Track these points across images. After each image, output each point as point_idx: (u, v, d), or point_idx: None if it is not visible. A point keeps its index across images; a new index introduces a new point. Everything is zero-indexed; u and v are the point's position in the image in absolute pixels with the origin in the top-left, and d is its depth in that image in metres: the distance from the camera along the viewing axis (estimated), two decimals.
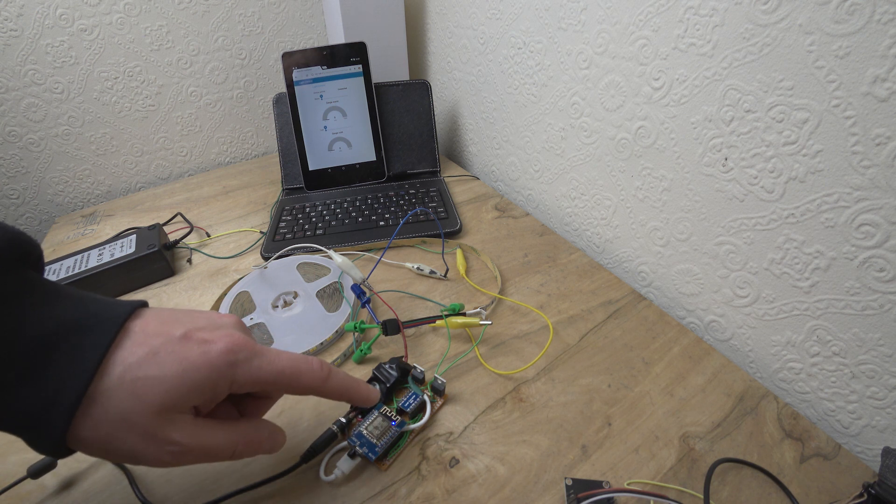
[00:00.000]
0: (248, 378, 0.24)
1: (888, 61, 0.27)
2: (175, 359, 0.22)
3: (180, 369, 0.22)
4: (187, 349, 0.22)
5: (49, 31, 0.59)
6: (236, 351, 0.23)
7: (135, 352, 0.21)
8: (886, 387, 0.33)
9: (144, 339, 0.22)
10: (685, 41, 0.37)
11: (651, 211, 0.46)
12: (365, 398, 0.29)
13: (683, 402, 0.35)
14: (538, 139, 0.58)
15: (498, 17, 0.57)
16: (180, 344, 0.22)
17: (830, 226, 0.32)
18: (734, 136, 0.36)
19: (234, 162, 0.81)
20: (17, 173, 0.65)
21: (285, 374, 0.25)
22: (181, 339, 0.23)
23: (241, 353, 0.23)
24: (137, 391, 0.21)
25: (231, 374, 0.23)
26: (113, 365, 0.21)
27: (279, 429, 0.27)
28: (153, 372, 0.21)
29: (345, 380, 0.28)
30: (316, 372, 0.26)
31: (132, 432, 0.21)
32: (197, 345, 0.23)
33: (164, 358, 0.22)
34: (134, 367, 0.21)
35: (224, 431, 0.24)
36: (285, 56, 0.59)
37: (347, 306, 0.43)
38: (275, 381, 0.24)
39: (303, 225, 0.56)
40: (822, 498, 0.29)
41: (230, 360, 0.23)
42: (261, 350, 0.25)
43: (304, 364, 0.26)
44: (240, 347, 0.23)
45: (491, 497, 0.29)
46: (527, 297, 0.45)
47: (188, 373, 0.22)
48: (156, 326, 0.23)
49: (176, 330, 0.23)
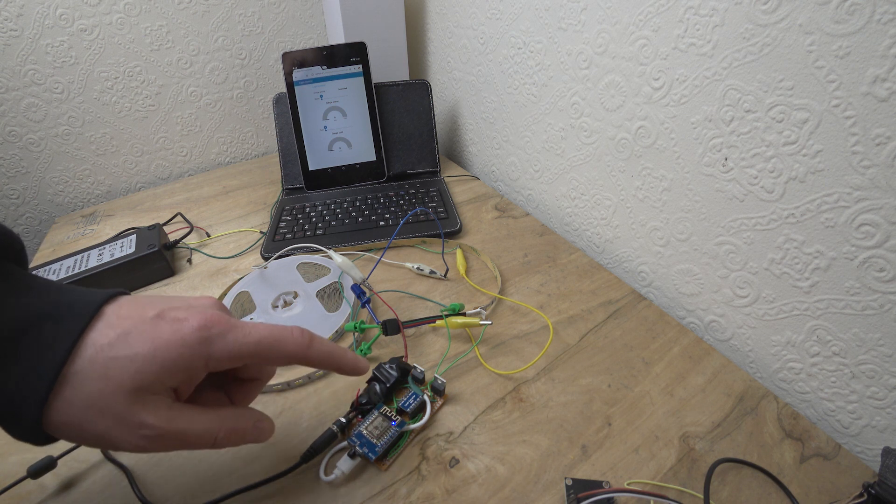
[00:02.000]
0: (225, 353, 0.23)
1: (888, 61, 0.27)
2: (146, 338, 0.21)
3: (151, 348, 0.21)
4: (159, 328, 0.22)
5: (49, 31, 0.59)
6: (209, 326, 0.23)
7: (106, 333, 0.21)
8: (886, 387, 0.33)
9: (117, 321, 0.22)
10: (685, 41, 0.37)
11: (651, 211, 0.46)
12: (352, 366, 0.28)
13: (683, 402, 0.35)
14: (538, 139, 0.58)
15: (498, 17, 0.57)
16: (152, 323, 0.22)
17: (830, 226, 0.32)
18: (734, 136, 0.36)
19: (234, 162, 0.81)
20: (17, 173, 0.65)
21: (264, 344, 0.24)
22: (154, 318, 0.22)
23: (215, 328, 0.23)
24: (108, 372, 0.20)
25: (206, 350, 0.22)
26: (85, 348, 0.21)
27: (265, 417, 0.26)
28: (124, 352, 0.21)
29: (329, 346, 0.27)
30: (297, 338, 0.25)
31: (104, 415, 0.20)
32: (169, 323, 0.22)
33: (135, 338, 0.21)
34: (105, 348, 0.21)
35: (204, 417, 0.23)
36: (285, 56, 0.59)
37: (347, 306, 0.43)
38: (255, 353, 0.24)
39: (303, 225, 0.56)
40: (822, 498, 0.29)
41: (203, 335, 0.22)
42: (236, 323, 0.24)
43: (284, 331, 0.25)
44: (213, 323, 0.23)
45: (491, 497, 0.29)
46: (527, 297, 0.45)
47: (159, 351, 0.21)
48: (129, 309, 0.22)
49: (149, 311, 0.23)
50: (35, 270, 0.47)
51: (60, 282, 0.23)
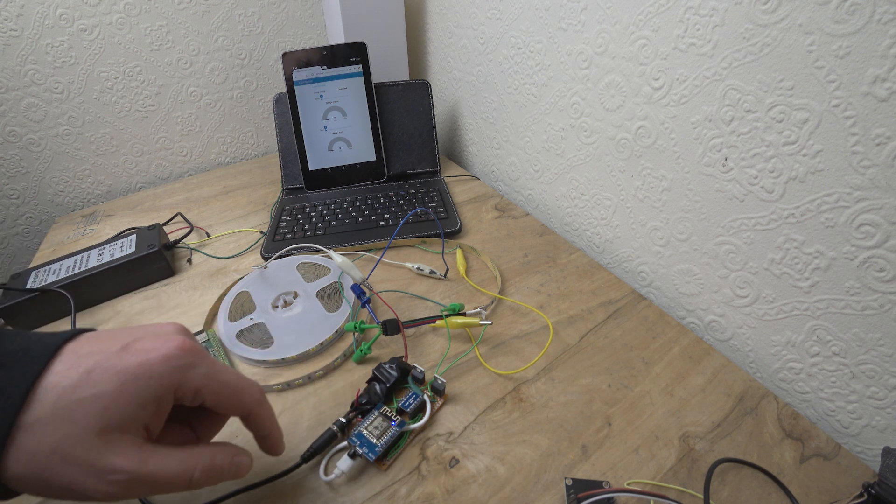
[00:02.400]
0: (194, 385, 0.22)
1: (888, 61, 0.27)
2: (111, 373, 0.20)
3: (118, 383, 0.20)
4: (125, 361, 0.21)
5: (49, 31, 0.59)
6: (179, 356, 0.22)
7: (67, 374, 0.20)
8: (886, 387, 0.33)
9: (78, 359, 0.20)
10: (685, 41, 0.37)
11: (651, 211, 0.46)
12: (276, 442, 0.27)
13: (683, 402, 0.35)
14: (538, 139, 0.58)
15: (498, 17, 0.57)
16: (118, 357, 0.21)
17: (830, 226, 0.32)
18: (734, 136, 0.36)
19: (234, 162, 0.81)
20: (17, 173, 0.65)
21: (228, 389, 0.23)
22: (119, 351, 0.21)
23: (185, 357, 0.22)
24: (73, 416, 0.19)
25: (175, 379, 0.21)
26: (44, 392, 0.19)
27: (242, 450, 0.25)
28: (88, 391, 0.19)
29: (272, 414, 0.27)
30: (255, 394, 0.25)
31: (70, 462, 0.19)
32: (135, 355, 0.21)
33: (99, 374, 0.20)
34: (68, 390, 0.19)
35: (178, 456, 0.22)
36: (285, 56, 0.59)
37: (347, 306, 0.43)
38: (218, 394, 0.23)
39: (303, 225, 0.56)
40: (822, 498, 0.29)
41: (173, 365, 0.21)
42: (207, 356, 0.23)
43: (247, 382, 0.25)
44: (183, 352, 0.22)
45: (491, 497, 0.29)
46: (527, 297, 0.45)
47: (127, 385, 0.20)
48: (91, 346, 0.21)
49: (113, 345, 0.21)
50: (35, 270, 0.47)
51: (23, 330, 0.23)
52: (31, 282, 0.45)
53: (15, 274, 0.46)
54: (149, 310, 0.46)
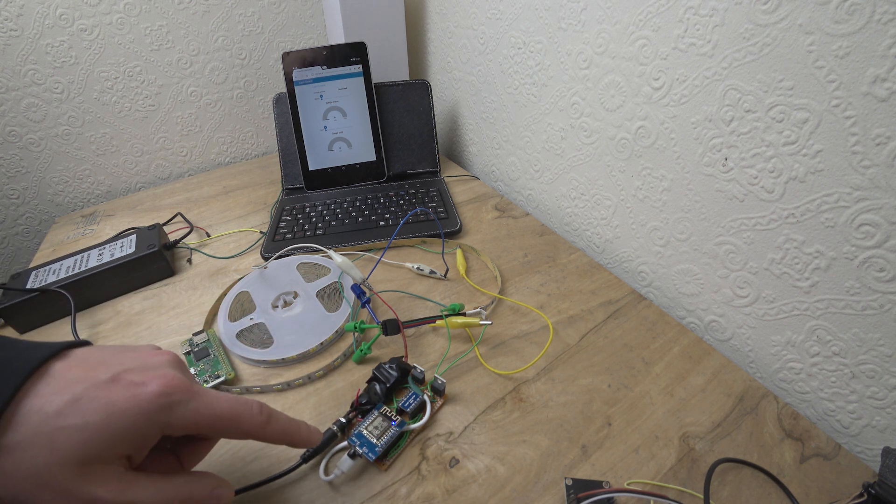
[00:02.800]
0: (183, 422, 0.22)
1: (888, 61, 0.27)
2: (99, 405, 0.20)
3: (104, 416, 0.20)
4: (113, 393, 0.20)
5: (49, 31, 0.59)
6: (169, 393, 0.21)
7: (53, 400, 0.19)
8: (886, 387, 0.33)
9: (65, 384, 0.20)
10: (685, 41, 0.37)
11: (651, 211, 0.46)
12: (305, 440, 0.27)
13: (683, 402, 0.35)
14: (538, 139, 0.58)
15: (498, 17, 0.57)
16: (106, 388, 0.20)
17: (830, 226, 0.32)
18: (734, 136, 0.36)
19: (234, 162, 0.81)
20: (17, 173, 0.65)
21: (224, 420, 0.23)
22: (108, 382, 0.21)
23: (175, 394, 0.22)
24: (54, 443, 0.19)
25: (163, 418, 0.21)
26: (28, 414, 0.19)
27: (223, 482, 0.24)
28: (73, 421, 0.19)
29: (286, 424, 0.26)
30: (256, 417, 0.24)
31: (46, 489, 0.19)
32: (125, 388, 0.21)
33: (86, 405, 0.20)
34: (52, 416, 0.19)
35: (157, 486, 0.21)
36: (285, 56, 0.59)
37: (347, 306, 0.43)
38: (212, 426, 0.23)
39: (303, 225, 0.56)
40: (822, 498, 0.29)
41: (162, 403, 0.21)
42: (198, 391, 0.23)
43: (244, 407, 0.24)
44: (174, 389, 0.22)
45: (491, 497, 0.29)
46: (527, 297, 0.45)
47: (113, 419, 0.20)
48: (79, 371, 0.21)
49: (102, 373, 0.21)
50: (35, 270, 0.47)
51: (9, 338, 0.22)
52: (31, 282, 0.45)
53: (15, 274, 0.46)
54: (149, 310, 0.46)
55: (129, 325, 0.44)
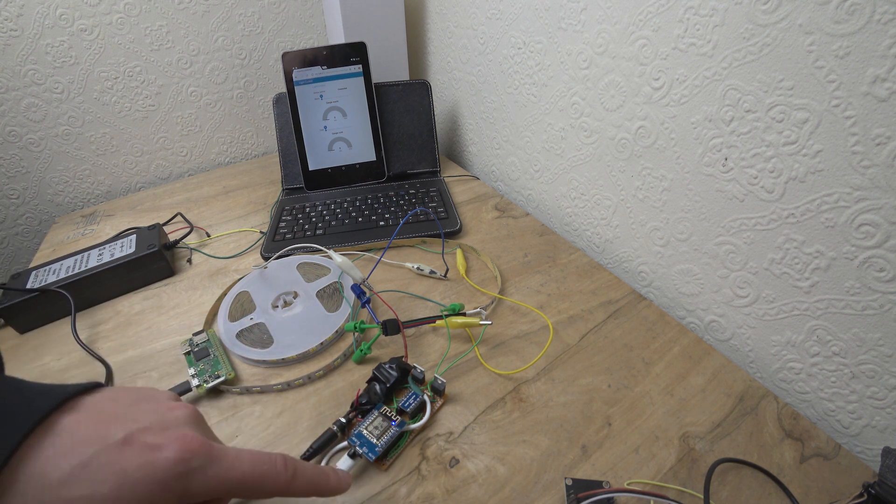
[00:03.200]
0: (204, 489, 0.20)
1: (888, 61, 0.27)
2: (109, 472, 0.18)
3: (115, 486, 0.18)
4: (126, 459, 0.18)
5: (49, 31, 0.59)
6: (189, 459, 0.19)
7: (59, 465, 0.17)
8: (886, 387, 0.33)
9: (72, 446, 0.18)
10: (685, 41, 0.37)
11: (651, 211, 0.46)
12: (335, 488, 0.25)
13: (683, 402, 0.35)
14: (538, 139, 0.58)
15: (498, 17, 0.57)
16: (118, 452, 0.18)
17: (830, 226, 0.32)
18: (734, 136, 0.36)
19: (234, 162, 0.81)
20: (17, 173, 0.65)
21: (247, 483, 0.21)
22: (120, 444, 0.19)
23: (196, 459, 0.20)
24: None
25: (182, 486, 0.19)
26: (29, 480, 0.17)
27: None
28: (80, 491, 0.17)
29: (312, 475, 0.24)
30: (280, 475, 0.22)
31: None
32: (139, 452, 0.19)
33: (95, 472, 0.18)
34: (55, 485, 0.17)
35: None
36: (285, 56, 0.59)
37: (347, 306, 0.43)
38: (234, 491, 0.21)
39: (303, 225, 0.56)
40: (822, 498, 0.29)
41: (181, 470, 0.19)
42: (218, 454, 0.21)
43: (268, 466, 0.22)
44: (193, 454, 0.20)
45: (491, 497, 0.29)
46: (527, 297, 0.45)
47: (124, 491, 0.18)
48: (89, 428, 0.19)
49: (115, 432, 0.19)
50: (35, 270, 0.47)
51: (17, 379, 0.20)
52: (31, 282, 0.45)
53: (15, 274, 0.46)
54: (149, 310, 0.46)
55: (129, 325, 0.44)
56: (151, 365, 0.40)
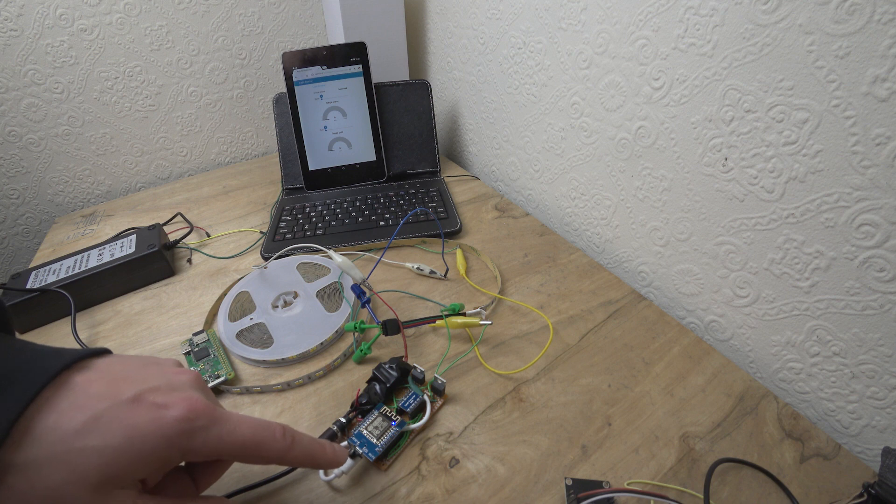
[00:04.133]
0: (205, 448, 0.21)
1: (888, 61, 0.27)
2: (120, 426, 0.19)
3: (125, 438, 0.19)
4: (136, 415, 0.20)
5: (49, 31, 0.59)
6: (193, 419, 0.21)
7: (73, 417, 0.19)
8: (886, 387, 0.33)
9: (86, 401, 0.19)
10: (685, 41, 0.37)
11: (651, 211, 0.46)
12: (331, 460, 0.26)
13: (683, 402, 0.35)
14: (538, 139, 0.58)
15: (498, 17, 0.57)
16: (128, 408, 0.20)
17: (830, 226, 0.32)
18: (734, 136, 0.36)
19: (234, 162, 0.81)
20: (17, 173, 0.65)
21: (247, 447, 0.22)
22: (130, 402, 0.20)
23: (199, 420, 0.21)
24: (72, 464, 0.18)
25: (185, 444, 0.21)
26: (45, 431, 0.18)
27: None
28: (93, 442, 0.18)
29: (309, 445, 0.25)
30: (279, 441, 0.24)
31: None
32: (148, 410, 0.20)
33: (107, 425, 0.19)
34: (70, 436, 0.18)
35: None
36: (285, 56, 0.59)
37: (347, 306, 0.43)
38: (235, 454, 0.22)
39: (303, 225, 0.56)
40: (822, 498, 0.29)
41: (185, 428, 0.20)
42: (221, 416, 0.22)
43: (268, 433, 0.23)
44: (198, 414, 0.21)
45: (491, 497, 0.29)
46: (527, 297, 0.45)
47: (134, 443, 0.19)
48: (101, 386, 0.20)
49: (125, 391, 0.20)
50: (35, 270, 0.47)
51: (24, 342, 0.21)
52: (31, 282, 0.45)
53: (15, 274, 0.46)
54: (149, 310, 0.46)
55: (129, 325, 0.44)
56: None
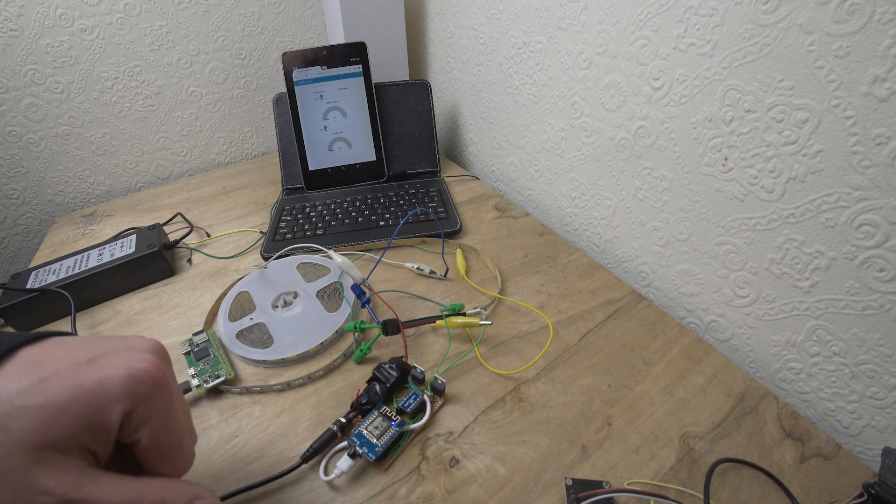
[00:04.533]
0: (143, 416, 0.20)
1: (888, 61, 0.27)
2: (65, 385, 0.18)
3: (68, 397, 0.18)
4: (85, 374, 0.19)
5: (49, 31, 0.59)
6: (143, 381, 0.19)
7: (19, 381, 0.18)
8: (886, 387, 0.33)
9: (36, 367, 0.18)
10: (685, 41, 0.37)
11: (651, 211, 0.46)
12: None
13: (683, 402, 0.35)
14: (538, 139, 0.58)
15: (498, 17, 0.57)
16: (79, 369, 0.19)
17: (830, 226, 0.32)
18: (734, 136, 0.36)
19: (234, 162, 0.81)
20: (17, 173, 0.65)
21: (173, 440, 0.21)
22: (83, 363, 0.19)
23: (150, 386, 0.20)
24: (9, 423, 0.17)
25: (130, 405, 0.19)
26: None
27: (207, 493, 0.21)
28: (34, 401, 0.18)
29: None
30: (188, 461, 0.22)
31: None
32: (98, 369, 0.19)
33: (52, 384, 0.18)
34: (12, 396, 0.17)
35: (122, 486, 0.19)
36: (285, 56, 0.59)
37: (347, 306, 0.43)
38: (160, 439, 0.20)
39: (303, 225, 0.56)
40: (822, 498, 0.29)
41: (132, 389, 0.19)
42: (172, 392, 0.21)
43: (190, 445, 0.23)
44: (150, 377, 0.20)
45: (491, 497, 0.29)
46: (527, 297, 0.45)
47: (77, 401, 0.18)
48: (57, 353, 0.19)
49: (80, 355, 0.19)
50: (35, 270, 0.47)
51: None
52: (31, 282, 0.45)
53: (15, 274, 0.46)
54: (149, 310, 0.46)
55: (129, 325, 0.44)
56: None
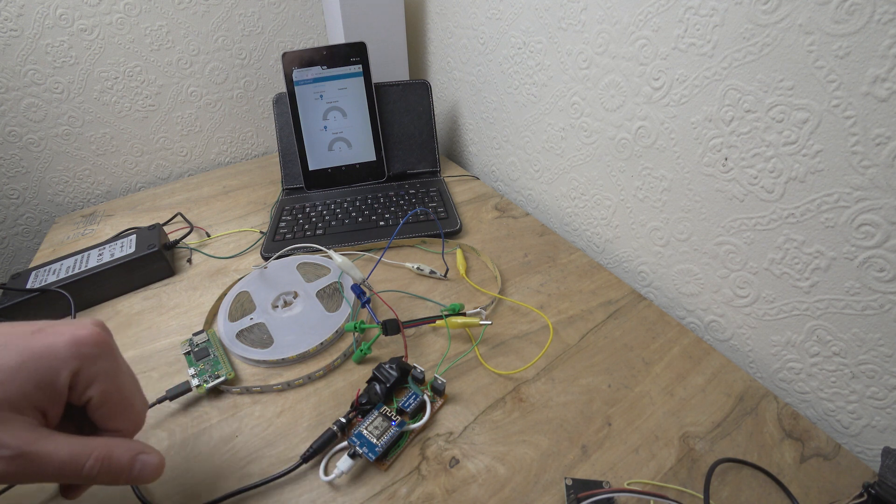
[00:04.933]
0: (92, 375, 0.22)
1: (888, 61, 0.27)
2: (18, 350, 0.20)
3: (19, 360, 0.20)
4: (35, 340, 0.21)
5: (49, 31, 0.59)
6: (88, 343, 0.22)
7: None
8: (886, 387, 0.33)
9: None
10: (685, 41, 0.37)
11: (651, 211, 0.46)
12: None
13: (683, 402, 0.35)
14: (538, 139, 0.58)
15: (498, 17, 0.57)
16: (28, 337, 0.21)
17: (830, 226, 0.32)
18: (734, 136, 0.36)
19: (234, 162, 0.81)
20: (17, 173, 0.65)
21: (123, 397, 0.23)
22: (31, 333, 0.21)
23: (94, 347, 0.22)
24: None
25: (77, 365, 0.21)
26: None
27: (151, 449, 0.23)
28: None
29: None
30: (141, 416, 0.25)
31: None
32: (46, 336, 0.21)
33: (4, 351, 0.20)
34: None
35: (71, 442, 0.21)
36: (285, 56, 0.59)
37: (347, 306, 0.43)
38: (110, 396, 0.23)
39: (303, 225, 0.56)
40: (822, 498, 0.29)
41: (78, 351, 0.22)
42: (116, 355, 0.23)
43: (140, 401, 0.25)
44: (94, 339, 0.22)
45: (491, 497, 0.29)
46: (527, 297, 0.45)
47: (28, 363, 0.20)
48: (6, 328, 0.22)
49: (29, 328, 0.22)
50: (35, 270, 0.47)
51: None
52: (31, 282, 0.45)
53: (15, 274, 0.46)
54: (149, 310, 0.46)
55: (129, 325, 0.44)
56: (151, 365, 0.40)
